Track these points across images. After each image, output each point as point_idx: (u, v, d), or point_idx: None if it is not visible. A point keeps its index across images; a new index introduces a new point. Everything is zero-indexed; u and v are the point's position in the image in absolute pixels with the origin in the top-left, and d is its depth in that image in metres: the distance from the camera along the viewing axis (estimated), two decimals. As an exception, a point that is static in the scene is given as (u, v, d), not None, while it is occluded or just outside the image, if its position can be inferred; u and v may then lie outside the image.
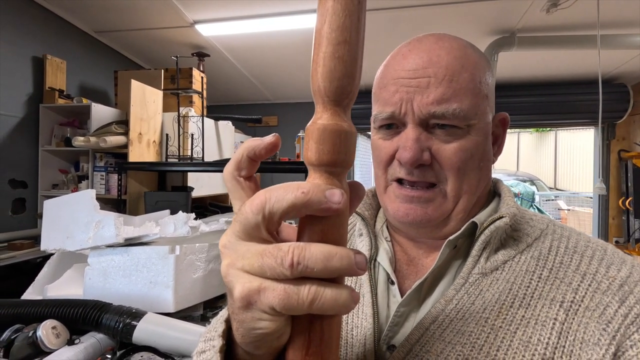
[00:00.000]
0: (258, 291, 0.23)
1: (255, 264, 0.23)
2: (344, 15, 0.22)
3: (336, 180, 0.24)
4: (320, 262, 0.22)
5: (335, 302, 0.22)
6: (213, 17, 2.68)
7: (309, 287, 0.22)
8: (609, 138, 3.97)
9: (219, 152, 3.17)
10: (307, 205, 0.22)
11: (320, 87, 0.23)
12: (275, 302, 0.22)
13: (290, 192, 0.23)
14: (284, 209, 0.23)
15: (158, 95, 2.68)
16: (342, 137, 0.24)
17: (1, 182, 2.38)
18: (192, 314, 1.38)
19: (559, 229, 0.47)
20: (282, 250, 0.22)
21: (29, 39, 2.52)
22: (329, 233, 0.24)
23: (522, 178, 7.77)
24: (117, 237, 1.33)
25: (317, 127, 0.24)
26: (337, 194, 0.23)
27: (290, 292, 0.22)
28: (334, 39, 0.23)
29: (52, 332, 1.11)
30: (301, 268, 0.22)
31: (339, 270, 0.22)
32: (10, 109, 2.41)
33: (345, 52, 0.23)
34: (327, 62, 0.23)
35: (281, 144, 0.27)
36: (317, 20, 0.23)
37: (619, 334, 0.36)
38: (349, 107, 0.25)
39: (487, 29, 2.76)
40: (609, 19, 2.44)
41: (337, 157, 0.24)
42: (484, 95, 0.44)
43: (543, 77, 3.75)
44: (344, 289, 0.23)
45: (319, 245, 0.23)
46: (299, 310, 0.22)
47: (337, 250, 0.23)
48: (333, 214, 0.23)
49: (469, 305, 0.41)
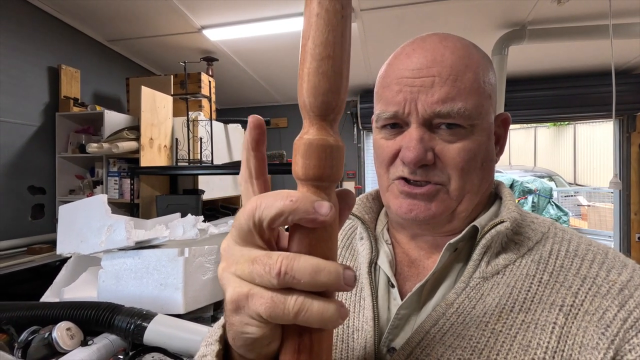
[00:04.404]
0: (246, 296, 0.23)
1: (246, 270, 0.23)
2: (327, 31, 0.22)
3: (324, 194, 0.24)
4: (307, 274, 0.22)
5: (321, 315, 0.22)
6: (220, 22, 2.72)
7: (296, 298, 0.22)
8: (629, 130, 3.84)
9: (229, 154, 3.20)
10: (294, 213, 0.22)
11: (305, 102, 0.24)
12: (261, 309, 0.22)
13: (279, 200, 0.23)
14: (272, 216, 0.23)
15: (168, 101, 2.73)
16: (328, 151, 0.24)
17: (21, 189, 2.47)
18: (202, 315, 1.40)
19: (560, 232, 0.46)
20: (271, 259, 0.23)
21: (44, 50, 2.60)
22: (317, 245, 0.24)
23: (540, 174, 7.58)
24: (128, 241, 1.36)
25: (304, 142, 0.24)
26: (325, 206, 0.23)
27: (276, 301, 0.22)
28: (317, 55, 0.23)
29: (67, 334, 1.14)
30: (288, 278, 0.22)
31: (325, 285, 0.22)
32: (28, 118, 2.50)
33: (329, 67, 0.23)
34: (312, 78, 0.23)
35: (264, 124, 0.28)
36: (302, 36, 0.23)
37: (617, 338, 0.35)
38: (336, 121, 0.25)
39: (497, 23, 2.71)
40: (622, 7, 2.36)
41: (323, 171, 0.24)
42: (487, 95, 0.44)
43: (557, 69, 3.65)
44: (332, 303, 0.23)
45: (310, 257, 0.23)
46: (285, 320, 0.23)
47: (326, 264, 0.23)
48: (319, 225, 0.23)
49: (470, 310, 0.40)
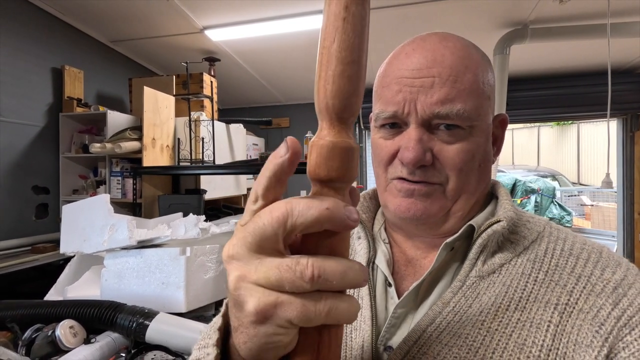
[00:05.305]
0: (275, 305, 0.23)
1: (272, 277, 0.23)
2: (354, 36, 0.23)
3: (341, 195, 0.25)
4: (338, 275, 0.23)
5: (349, 312, 0.23)
6: (222, 22, 2.73)
7: (325, 299, 0.23)
8: (633, 129, 3.81)
9: (231, 154, 3.22)
10: (330, 221, 0.23)
11: (329, 104, 0.24)
12: (293, 315, 0.22)
13: (314, 208, 0.23)
14: (307, 224, 0.23)
15: (170, 101, 2.75)
16: (350, 153, 0.24)
17: (25, 189, 2.49)
18: (204, 313, 1.40)
19: (555, 231, 0.47)
20: (300, 265, 0.22)
21: (48, 51, 2.62)
22: (337, 247, 0.25)
23: (543, 173, 7.55)
24: (130, 240, 1.37)
25: (327, 144, 0.24)
26: (354, 212, 0.23)
27: (308, 305, 0.23)
28: (344, 59, 0.23)
29: (70, 332, 1.15)
30: (321, 281, 0.22)
31: (353, 283, 0.23)
32: (32, 119, 2.52)
33: (354, 71, 0.23)
34: (337, 80, 0.23)
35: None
36: (324, 36, 0.23)
37: (611, 336, 0.36)
38: (352, 123, 0.25)
39: (499, 22, 2.70)
40: (623, 7, 2.35)
41: (344, 173, 0.24)
42: (486, 96, 0.44)
43: (559, 69, 3.63)
44: (352, 298, 0.24)
45: (335, 259, 0.23)
46: (316, 322, 0.23)
47: (352, 263, 0.24)
48: (348, 230, 0.24)
49: (466, 308, 0.41)
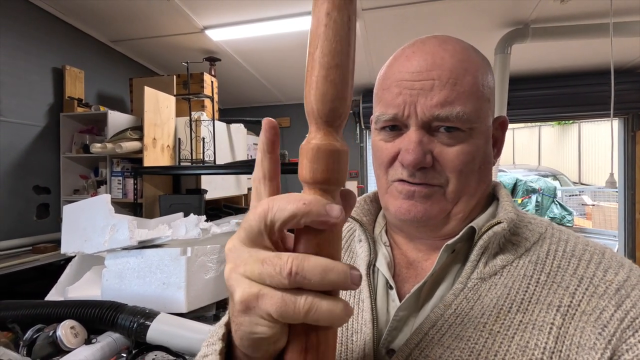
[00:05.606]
0: (257, 297, 0.24)
1: (256, 271, 0.24)
2: (335, 41, 0.24)
3: (330, 196, 0.25)
4: (317, 274, 0.23)
5: (330, 314, 0.23)
6: (222, 22, 2.72)
7: (306, 297, 0.23)
8: (634, 129, 3.80)
9: (232, 154, 3.22)
10: (307, 216, 0.23)
11: (313, 108, 0.25)
12: (272, 309, 0.23)
13: (292, 203, 0.24)
14: (284, 218, 0.24)
15: (171, 101, 2.75)
16: (335, 156, 0.25)
17: (26, 189, 2.49)
18: (205, 314, 1.40)
19: (557, 232, 0.46)
20: (281, 259, 0.23)
21: (48, 51, 2.62)
22: (325, 247, 0.25)
23: (544, 173, 7.54)
24: (131, 240, 1.37)
25: (311, 147, 0.25)
26: (336, 209, 0.24)
27: (287, 301, 0.23)
28: (326, 63, 0.24)
29: (71, 332, 1.15)
30: (299, 278, 0.23)
31: (334, 284, 0.23)
32: (33, 119, 2.52)
33: (337, 75, 0.24)
34: (320, 86, 0.24)
35: (278, 128, 0.29)
36: (309, 44, 0.24)
37: (614, 338, 0.36)
38: (341, 127, 0.26)
39: (500, 21, 2.69)
40: (625, 6, 2.34)
41: (330, 175, 0.25)
42: (486, 98, 0.44)
43: (561, 68, 3.62)
44: (339, 302, 0.24)
45: (318, 258, 0.24)
46: (295, 319, 0.23)
47: (335, 264, 0.24)
48: (330, 228, 0.24)
49: (468, 311, 0.41)
